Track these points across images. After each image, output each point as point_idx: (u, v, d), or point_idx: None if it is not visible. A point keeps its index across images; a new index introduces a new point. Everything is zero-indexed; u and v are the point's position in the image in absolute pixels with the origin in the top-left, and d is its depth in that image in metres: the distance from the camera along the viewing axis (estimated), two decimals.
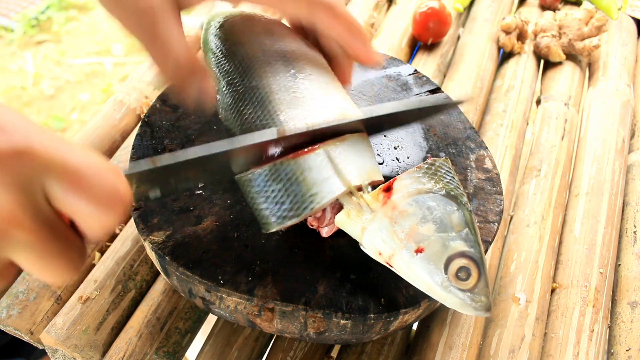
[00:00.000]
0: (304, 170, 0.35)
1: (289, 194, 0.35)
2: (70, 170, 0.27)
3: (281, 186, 0.35)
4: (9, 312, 0.44)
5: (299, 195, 0.35)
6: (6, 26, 1.96)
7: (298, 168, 0.35)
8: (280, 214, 0.36)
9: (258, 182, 0.36)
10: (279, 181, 0.35)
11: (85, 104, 1.73)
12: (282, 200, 0.35)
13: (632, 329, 0.47)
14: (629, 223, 0.56)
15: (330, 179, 0.35)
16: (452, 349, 0.44)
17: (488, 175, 0.46)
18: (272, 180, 0.36)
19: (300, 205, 0.35)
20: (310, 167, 0.35)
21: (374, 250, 0.35)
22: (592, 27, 0.71)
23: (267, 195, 0.36)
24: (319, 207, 0.35)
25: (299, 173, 0.35)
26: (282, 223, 0.36)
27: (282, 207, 0.35)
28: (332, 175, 0.35)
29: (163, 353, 0.42)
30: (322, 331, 0.38)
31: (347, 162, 0.36)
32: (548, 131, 0.63)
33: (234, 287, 0.37)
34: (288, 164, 0.35)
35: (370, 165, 0.38)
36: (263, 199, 0.36)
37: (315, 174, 0.35)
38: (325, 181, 0.35)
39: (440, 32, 0.71)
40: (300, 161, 0.35)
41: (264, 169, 0.36)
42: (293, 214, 0.35)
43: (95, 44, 1.93)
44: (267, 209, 0.36)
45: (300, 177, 0.35)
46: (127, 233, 0.49)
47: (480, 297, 0.33)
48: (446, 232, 0.34)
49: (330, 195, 0.35)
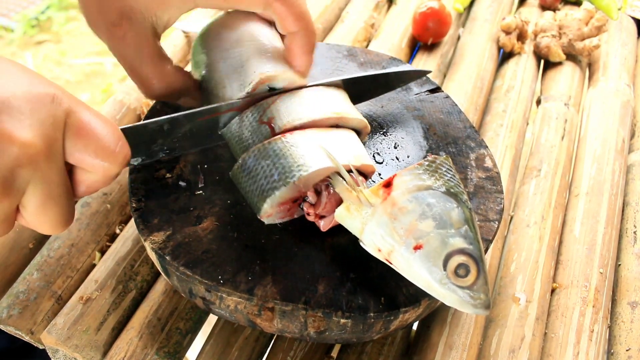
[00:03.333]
0: (291, 146, 0.37)
1: (277, 167, 0.37)
2: (84, 122, 0.32)
3: (269, 162, 0.37)
4: (10, 312, 0.44)
5: (287, 166, 0.37)
6: (6, 26, 1.96)
7: (285, 145, 0.38)
8: (270, 186, 0.37)
9: (248, 163, 0.38)
10: (267, 157, 0.38)
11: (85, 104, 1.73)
12: (270, 174, 0.37)
13: (632, 329, 0.47)
14: (629, 223, 0.56)
15: (318, 152, 0.37)
16: (452, 349, 0.44)
17: (488, 174, 0.46)
18: (261, 157, 0.38)
19: (288, 174, 0.37)
20: (298, 144, 0.38)
21: (374, 246, 0.35)
22: (592, 27, 0.71)
23: (257, 174, 0.38)
24: (306, 175, 0.36)
25: (285, 149, 0.37)
26: (272, 194, 0.37)
27: (270, 179, 0.37)
28: (319, 150, 0.37)
29: (164, 353, 0.42)
30: (322, 330, 0.38)
31: (334, 145, 0.38)
32: (548, 131, 0.63)
33: (234, 287, 0.37)
34: (275, 142, 0.38)
35: (358, 150, 0.40)
36: (253, 178, 0.38)
37: (302, 149, 0.37)
38: (312, 154, 0.37)
39: (440, 32, 0.71)
40: (288, 138, 0.38)
41: (253, 150, 0.38)
42: (282, 183, 0.37)
43: (95, 44, 1.93)
44: (257, 187, 0.37)
45: (287, 152, 0.37)
46: (127, 233, 0.49)
47: (479, 295, 0.33)
48: (445, 228, 0.34)
49: (317, 165, 0.36)
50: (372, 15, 0.75)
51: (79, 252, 0.48)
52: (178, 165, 0.43)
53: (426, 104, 0.52)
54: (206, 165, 0.44)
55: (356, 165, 0.38)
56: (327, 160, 0.37)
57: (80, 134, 0.32)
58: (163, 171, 0.43)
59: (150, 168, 0.43)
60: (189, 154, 0.44)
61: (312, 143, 0.38)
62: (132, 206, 0.41)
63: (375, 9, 0.76)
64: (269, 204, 0.37)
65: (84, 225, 0.49)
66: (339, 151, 0.38)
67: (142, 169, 0.43)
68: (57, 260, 0.47)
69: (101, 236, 0.49)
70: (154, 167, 0.43)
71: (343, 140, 0.40)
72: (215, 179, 0.43)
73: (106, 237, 0.49)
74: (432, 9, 0.70)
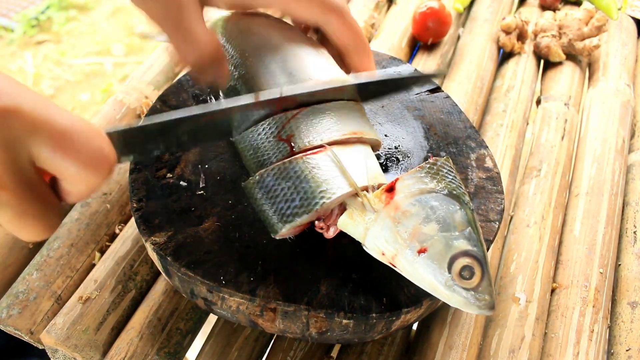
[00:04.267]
0: (312, 168, 0.36)
1: (299, 191, 0.36)
2: (58, 131, 0.28)
3: (290, 184, 0.36)
4: (9, 312, 0.44)
5: (309, 191, 0.36)
6: (6, 26, 1.96)
7: (307, 166, 0.36)
8: (291, 212, 0.36)
9: (267, 181, 0.37)
10: (289, 179, 0.36)
11: (85, 104, 1.73)
12: (292, 198, 0.36)
13: (632, 329, 0.47)
14: (629, 223, 0.56)
15: (339, 177, 0.36)
16: (452, 349, 0.44)
17: (489, 174, 0.46)
18: (282, 178, 0.36)
19: (310, 201, 0.36)
20: (319, 166, 0.36)
21: (377, 250, 0.35)
22: (592, 27, 0.71)
23: (277, 194, 0.36)
24: (329, 203, 0.35)
25: (307, 171, 0.36)
26: (293, 220, 0.36)
27: (292, 204, 0.36)
28: (340, 174, 0.36)
29: (164, 354, 0.42)
30: (324, 331, 0.38)
31: (353, 165, 0.37)
32: (548, 131, 0.63)
33: (236, 288, 0.37)
34: (297, 162, 0.36)
35: (375, 169, 0.39)
36: (272, 199, 0.36)
37: (323, 172, 0.36)
38: (334, 178, 0.36)
39: (440, 32, 0.71)
40: (309, 159, 0.36)
41: (273, 169, 0.37)
42: (304, 209, 0.36)
43: (95, 44, 1.93)
44: (276, 209, 0.36)
45: (309, 175, 0.36)
46: (127, 233, 0.49)
47: (484, 296, 0.33)
48: (449, 231, 0.34)
49: (340, 191, 0.36)
50: (372, 15, 0.75)
51: (79, 252, 0.48)
52: (179, 165, 0.43)
53: (426, 104, 0.52)
54: (207, 165, 0.44)
55: (373, 185, 0.37)
56: (348, 186, 0.36)
57: (57, 144, 0.28)
58: (164, 171, 0.43)
59: (151, 168, 0.43)
60: (190, 154, 0.44)
61: (334, 165, 0.37)
62: (133, 206, 0.41)
63: (375, 9, 0.76)
64: (288, 228, 0.36)
65: (83, 225, 0.49)
66: (357, 171, 0.37)
67: (143, 169, 0.43)
68: (56, 260, 0.47)
69: (101, 236, 0.49)
70: (155, 167, 0.43)
71: (361, 158, 0.39)
72: (217, 179, 0.43)
73: (106, 237, 0.49)
74: (432, 8, 0.70)
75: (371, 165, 0.39)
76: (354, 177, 0.36)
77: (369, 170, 0.38)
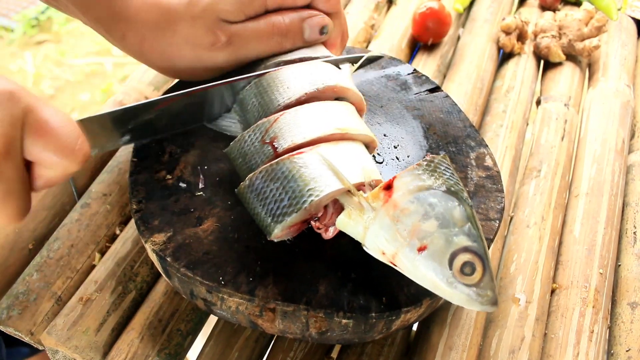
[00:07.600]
0: (300, 167, 0.36)
1: (287, 191, 0.36)
2: (43, 120, 0.33)
3: (279, 184, 0.37)
4: (9, 313, 0.44)
5: (297, 190, 0.36)
6: (6, 26, 1.96)
7: (294, 166, 0.37)
8: (280, 212, 0.36)
9: (257, 184, 0.37)
10: (276, 180, 0.37)
11: (85, 104, 1.73)
12: (280, 198, 0.36)
13: (632, 330, 0.47)
14: (629, 223, 0.56)
15: (327, 174, 0.36)
16: (452, 350, 0.44)
17: (489, 173, 0.46)
18: (270, 179, 0.37)
19: (299, 199, 0.36)
20: (307, 165, 0.37)
21: (377, 249, 0.35)
22: (592, 28, 0.71)
23: (266, 196, 0.37)
24: (317, 200, 0.36)
25: (295, 170, 0.36)
26: (283, 220, 0.36)
27: (281, 204, 0.36)
28: (329, 172, 0.37)
29: (165, 355, 0.42)
30: (324, 331, 0.38)
31: (344, 162, 0.37)
32: (548, 132, 0.63)
33: (236, 288, 0.37)
34: (284, 163, 0.37)
35: (368, 166, 0.38)
36: (262, 201, 0.37)
37: (311, 171, 0.36)
38: (322, 176, 0.36)
39: (440, 32, 0.71)
40: (296, 159, 0.37)
41: (261, 171, 0.37)
42: (293, 209, 0.36)
43: (95, 44, 1.93)
44: (266, 210, 0.37)
45: (297, 174, 0.36)
46: (127, 234, 0.49)
47: (486, 292, 0.33)
48: (449, 227, 0.34)
49: (329, 189, 0.36)
50: (372, 16, 0.75)
51: (79, 253, 0.48)
52: (178, 167, 0.43)
53: (426, 103, 0.52)
54: (206, 166, 0.44)
55: (367, 181, 0.37)
56: (338, 182, 0.36)
57: (40, 132, 0.32)
58: (163, 172, 0.43)
59: (150, 169, 0.43)
60: (189, 156, 0.44)
61: (322, 163, 0.37)
62: (133, 208, 0.41)
63: (375, 10, 0.76)
64: (280, 228, 0.36)
65: (83, 226, 0.49)
66: (348, 168, 0.37)
67: (142, 171, 0.43)
68: (56, 261, 0.47)
69: (101, 237, 0.49)
70: (154, 168, 0.43)
71: (351, 155, 0.39)
72: (216, 180, 0.43)
73: (106, 238, 0.49)
74: (431, 9, 0.70)
75: (364, 162, 0.39)
76: (346, 174, 0.36)
77: (361, 168, 0.38)
